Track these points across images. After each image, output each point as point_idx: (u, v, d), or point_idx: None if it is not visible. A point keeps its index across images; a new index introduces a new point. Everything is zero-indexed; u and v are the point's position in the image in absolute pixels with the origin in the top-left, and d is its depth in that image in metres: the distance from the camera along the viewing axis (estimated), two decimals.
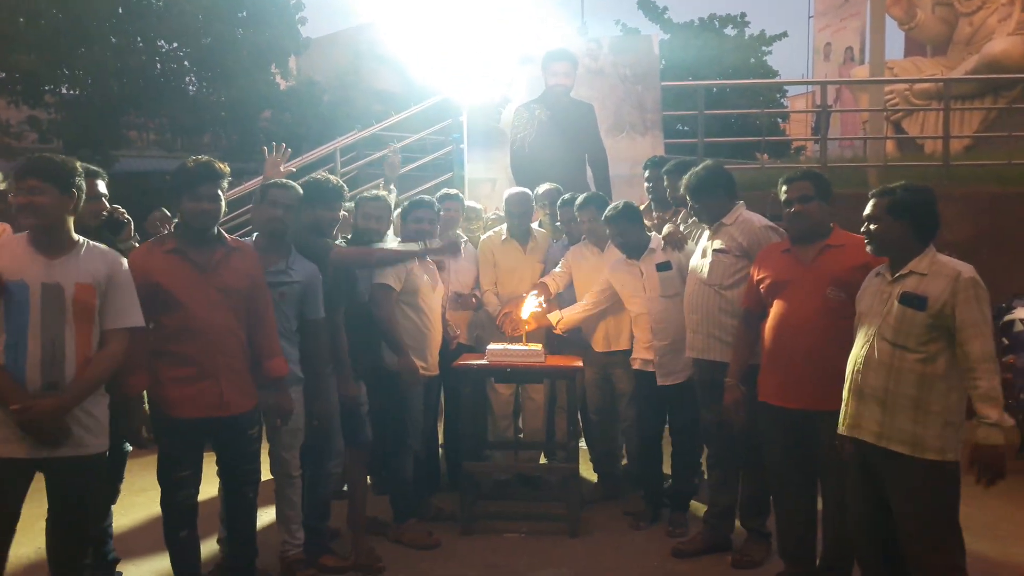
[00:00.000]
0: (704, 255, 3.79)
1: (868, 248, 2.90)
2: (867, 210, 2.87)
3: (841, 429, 2.92)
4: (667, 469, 4.39)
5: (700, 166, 3.82)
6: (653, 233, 4.32)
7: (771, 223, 3.70)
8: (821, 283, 3.20)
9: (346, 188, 3.86)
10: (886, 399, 2.75)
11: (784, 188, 3.35)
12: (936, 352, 2.69)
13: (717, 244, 3.74)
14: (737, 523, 3.87)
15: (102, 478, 2.94)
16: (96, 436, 2.79)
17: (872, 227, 2.84)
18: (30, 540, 2.81)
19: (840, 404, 2.93)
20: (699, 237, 4.03)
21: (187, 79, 12.87)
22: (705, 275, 3.75)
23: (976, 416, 2.63)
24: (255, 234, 3.63)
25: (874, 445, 2.78)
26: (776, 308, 3.33)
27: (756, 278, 3.46)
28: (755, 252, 3.60)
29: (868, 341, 2.82)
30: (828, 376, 3.05)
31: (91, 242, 2.83)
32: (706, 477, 4.14)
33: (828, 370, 3.06)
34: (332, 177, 3.85)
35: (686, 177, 3.82)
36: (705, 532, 3.91)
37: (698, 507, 4.27)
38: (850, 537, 2.99)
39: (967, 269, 2.71)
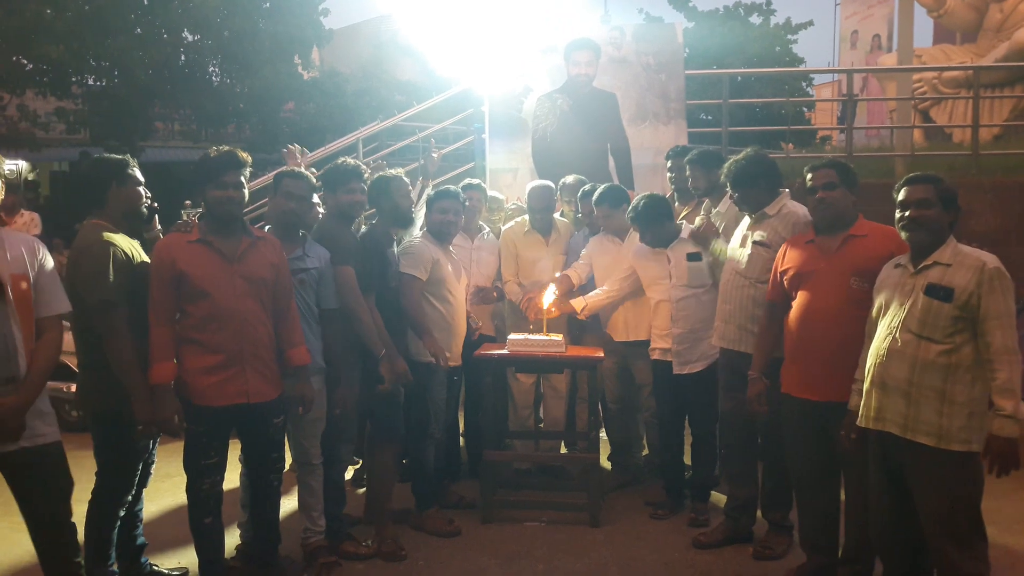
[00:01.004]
0: (743, 244, 3.72)
1: (907, 235, 2.82)
2: (916, 194, 2.79)
3: (862, 421, 2.89)
4: (688, 459, 4.38)
5: (741, 154, 3.72)
6: (684, 223, 4.28)
7: None
8: (845, 273, 3.16)
9: (363, 167, 3.84)
10: (910, 391, 2.72)
11: (809, 176, 3.31)
12: (961, 343, 2.67)
13: (758, 236, 3.65)
14: (759, 514, 3.86)
15: (64, 467, 2.80)
16: (49, 425, 2.73)
17: (927, 212, 2.76)
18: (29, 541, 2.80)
19: None
20: (724, 227, 3.99)
21: (211, 70, 12.97)
22: (742, 266, 3.69)
23: (993, 407, 2.61)
24: (267, 226, 3.63)
25: (898, 437, 2.76)
26: (799, 299, 3.29)
27: (779, 270, 3.42)
28: None
29: (891, 333, 2.79)
30: (851, 368, 3.01)
31: (4, 229, 2.72)
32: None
33: (852, 362, 3.02)
34: (348, 160, 3.85)
35: (727, 165, 3.75)
36: (726, 524, 3.90)
37: (721, 498, 4.25)
38: (872, 529, 2.97)
39: (991, 259, 2.68)
